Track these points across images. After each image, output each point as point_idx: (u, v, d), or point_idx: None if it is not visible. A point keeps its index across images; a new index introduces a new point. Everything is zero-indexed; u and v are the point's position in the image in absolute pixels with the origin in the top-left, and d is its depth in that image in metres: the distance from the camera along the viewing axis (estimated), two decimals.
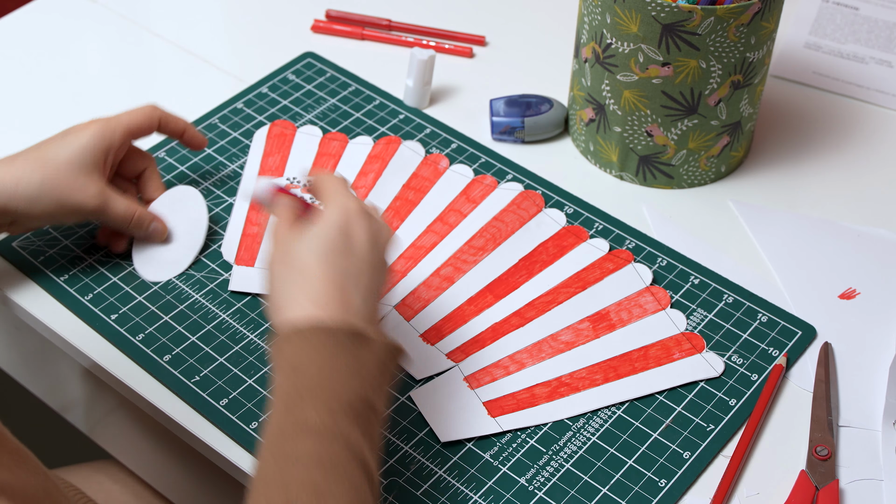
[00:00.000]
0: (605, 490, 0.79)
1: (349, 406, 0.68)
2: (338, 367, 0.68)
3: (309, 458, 0.65)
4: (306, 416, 0.67)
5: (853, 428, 0.83)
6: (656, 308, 0.90)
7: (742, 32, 0.91)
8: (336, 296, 0.71)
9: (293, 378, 0.69)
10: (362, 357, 0.69)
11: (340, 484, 0.65)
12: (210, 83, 1.11)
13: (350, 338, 0.69)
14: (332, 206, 0.74)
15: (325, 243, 0.72)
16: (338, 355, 0.69)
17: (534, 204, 0.99)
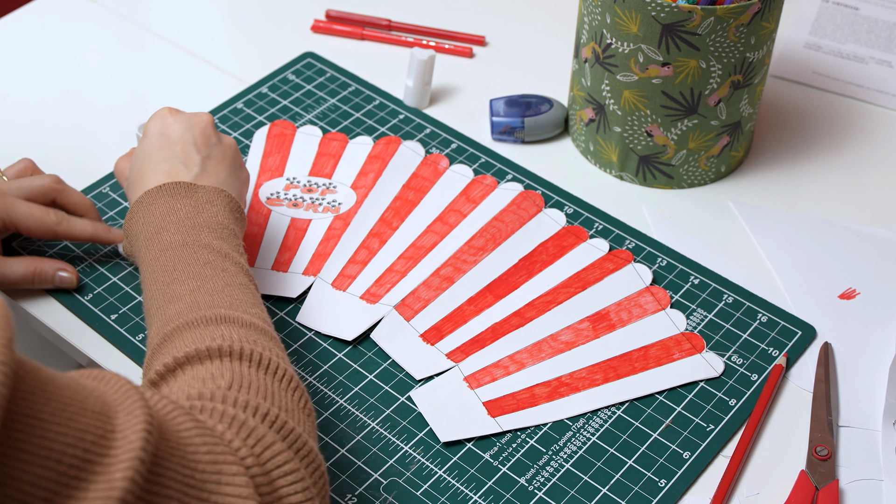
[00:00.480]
0: (605, 490, 0.79)
1: (202, 225, 0.78)
2: (177, 207, 0.79)
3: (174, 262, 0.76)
4: (163, 239, 0.77)
5: (853, 428, 0.83)
6: (656, 308, 0.90)
7: (742, 32, 0.91)
8: (163, 172, 0.82)
9: (146, 227, 0.79)
10: (202, 198, 0.80)
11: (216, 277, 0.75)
12: (210, 83, 1.11)
13: (188, 188, 0.80)
14: (148, 122, 0.86)
15: (147, 147, 0.84)
16: (178, 199, 0.79)
17: (534, 204, 0.99)
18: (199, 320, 0.71)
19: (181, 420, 0.60)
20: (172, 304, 0.73)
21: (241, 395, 0.65)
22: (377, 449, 0.81)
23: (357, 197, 0.99)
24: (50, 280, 0.89)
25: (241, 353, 0.68)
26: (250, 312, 0.73)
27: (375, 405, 0.84)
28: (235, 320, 0.71)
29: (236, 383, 0.66)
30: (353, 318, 0.89)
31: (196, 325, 0.71)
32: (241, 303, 0.74)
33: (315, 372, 0.86)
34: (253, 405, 0.65)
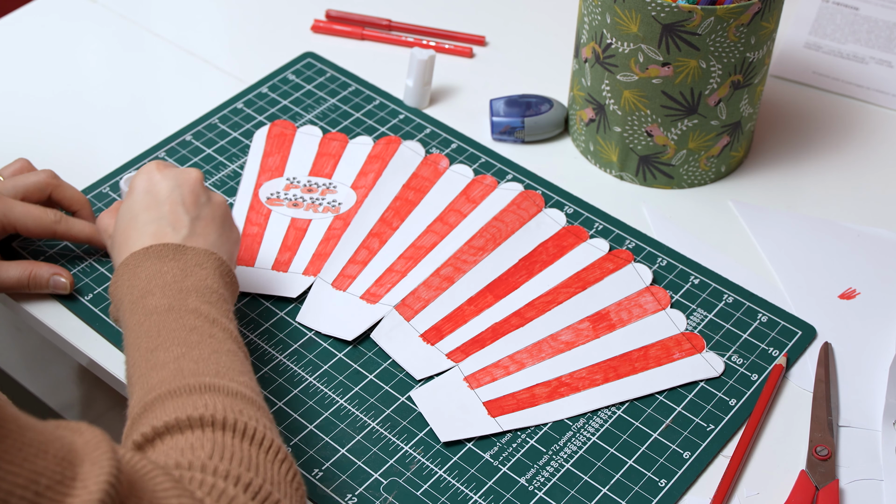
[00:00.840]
0: (605, 490, 0.79)
1: (189, 289, 0.75)
2: (164, 270, 0.75)
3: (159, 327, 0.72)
4: (149, 303, 0.74)
5: (853, 428, 0.83)
6: (656, 308, 0.90)
7: (742, 32, 0.91)
8: (150, 234, 0.78)
9: (131, 291, 0.75)
10: (190, 260, 0.77)
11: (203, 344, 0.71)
12: (210, 83, 1.11)
13: (176, 250, 0.77)
14: (134, 179, 0.82)
15: (133, 206, 0.80)
16: (165, 262, 0.76)
17: (534, 204, 0.99)
18: (182, 389, 0.67)
19: (159, 481, 0.57)
20: (155, 371, 0.69)
21: (223, 464, 0.62)
22: (377, 449, 0.81)
23: (357, 197, 0.99)
24: (45, 284, 0.88)
25: (224, 422, 0.65)
26: (237, 381, 0.70)
27: (375, 405, 0.84)
28: (221, 389, 0.68)
29: (217, 453, 0.63)
30: (354, 318, 0.89)
31: (179, 393, 0.67)
32: (228, 370, 0.70)
33: (315, 372, 0.86)
34: (234, 475, 0.62)
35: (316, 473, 0.79)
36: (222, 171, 1.01)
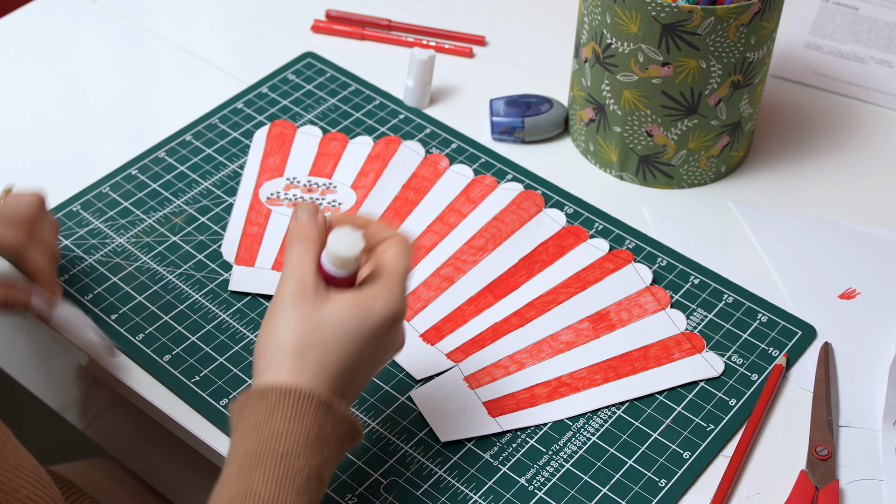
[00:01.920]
0: (605, 490, 0.79)
1: (301, 479, 0.65)
2: (295, 434, 0.65)
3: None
4: (256, 486, 0.64)
5: (853, 428, 0.83)
6: (656, 308, 0.90)
7: (742, 32, 0.91)
8: (338, 387, 0.68)
9: (250, 440, 0.66)
10: (325, 429, 0.66)
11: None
12: (210, 83, 1.11)
13: (321, 407, 0.66)
14: (388, 302, 0.69)
15: (360, 339, 0.68)
16: (301, 422, 0.65)
17: (534, 204, 0.99)
18: None
19: None
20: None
21: None
22: (377, 449, 0.81)
23: (357, 197, 0.99)
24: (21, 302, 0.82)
25: None
26: None
27: (375, 405, 0.84)
28: None
29: None
30: None
31: None
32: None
33: None
34: None
35: None
36: (222, 171, 1.01)
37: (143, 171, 1.01)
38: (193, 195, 0.99)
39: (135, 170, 1.01)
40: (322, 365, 0.67)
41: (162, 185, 1.00)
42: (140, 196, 0.99)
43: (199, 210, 0.98)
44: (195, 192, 0.99)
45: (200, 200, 0.99)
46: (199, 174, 1.01)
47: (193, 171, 1.01)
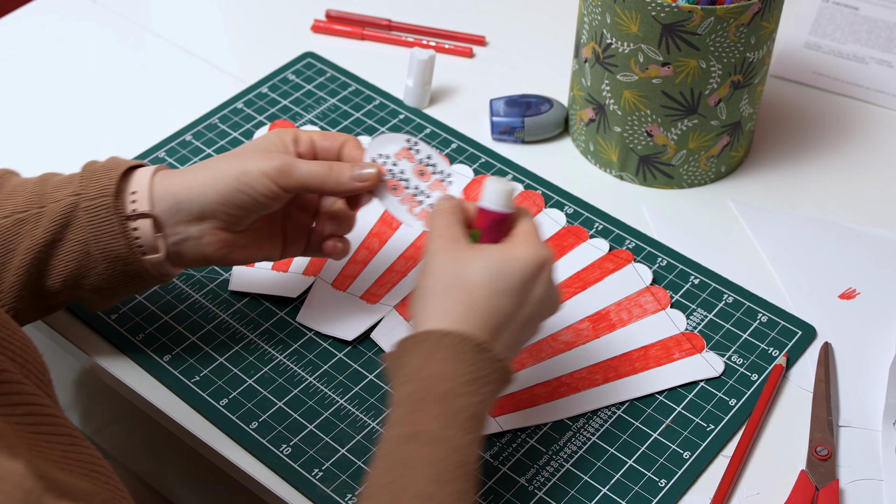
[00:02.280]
0: (605, 490, 0.79)
1: (465, 416, 0.67)
2: (455, 375, 0.67)
3: (423, 466, 0.65)
4: (423, 424, 0.66)
5: (853, 428, 0.83)
6: (656, 308, 0.90)
7: (742, 32, 0.91)
8: (488, 329, 0.69)
9: (411, 384, 0.68)
10: (482, 371, 0.68)
11: (451, 496, 0.64)
12: (210, 83, 1.11)
13: (476, 349, 0.68)
14: (530, 247, 0.71)
15: (506, 279, 0.70)
16: (459, 364, 0.67)
17: (534, 204, 0.99)
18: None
19: None
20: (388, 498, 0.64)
21: None
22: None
23: None
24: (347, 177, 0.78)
25: None
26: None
27: (375, 405, 0.84)
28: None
29: None
30: (354, 319, 0.89)
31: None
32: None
33: (315, 372, 0.86)
34: None
35: (316, 473, 0.79)
36: None
37: None
38: None
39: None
40: (470, 304, 0.69)
41: None
42: None
43: None
44: None
45: None
46: None
47: None
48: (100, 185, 0.77)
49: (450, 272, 0.70)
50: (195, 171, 0.78)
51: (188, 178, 0.78)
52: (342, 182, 0.78)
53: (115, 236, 0.77)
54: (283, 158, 0.77)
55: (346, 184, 0.78)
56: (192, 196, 0.77)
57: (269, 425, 0.82)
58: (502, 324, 0.70)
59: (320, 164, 0.78)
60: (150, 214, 0.77)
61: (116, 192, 0.77)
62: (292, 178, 0.77)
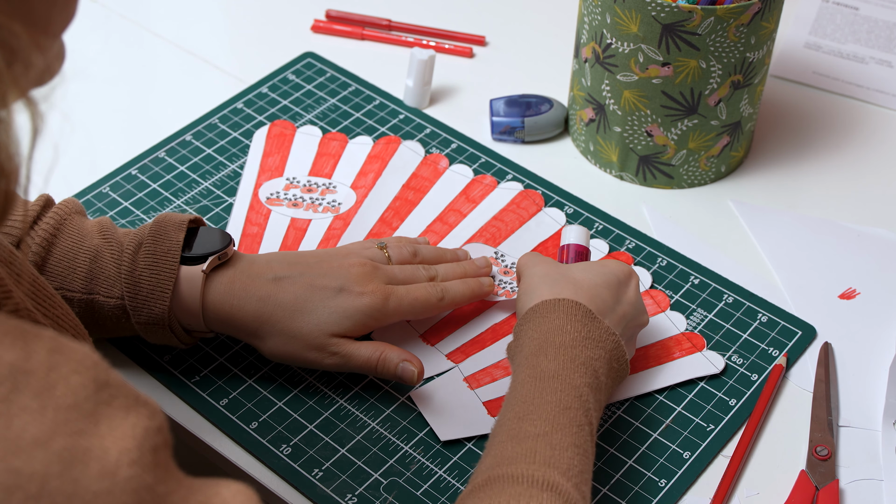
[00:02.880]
0: (605, 490, 0.79)
1: (579, 364, 0.73)
2: (567, 329, 0.74)
3: (542, 400, 0.70)
4: (542, 366, 0.72)
5: (853, 428, 0.83)
6: (656, 310, 0.90)
7: (742, 32, 0.91)
8: (589, 304, 0.76)
9: (531, 341, 0.74)
10: (593, 333, 0.75)
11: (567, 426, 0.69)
12: (210, 83, 1.11)
13: (587, 314, 0.75)
14: (617, 261, 0.82)
15: (604, 276, 0.79)
16: (573, 322, 0.75)
17: (533, 203, 0.99)
18: (525, 477, 0.65)
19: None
20: (512, 443, 0.68)
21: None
22: (377, 449, 0.81)
23: (357, 197, 0.99)
24: (392, 370, 0.81)
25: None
26: (581, 489, 0.66)
27: (375, 405, 0.84)
28: (562, 492, 0.64)
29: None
30: None
31: (520, 481, 0.65)
32: (579, 472, 0.67)
33: (315, 372, 0.86)
34: None
35: (316, 473, 0.79)
36: (222, 171, 1.01)
37: (143, 171, 1.01)
38: (193, 195, 0.99)
39: (135, 170, 1.01)
40: (577, 288, 0.77)
41: (162, 185, 1.00)
42: (140, 196, 0.99)
43: (198, 210, 0.98)
44: (195, 192, 0.99)
45: (200, 200, 0.99)
46: (199, 174, 1.01)
47: (193, 171, 1.01)
48: (149, 312, 0.79)
49: (553, 272, 0.80)
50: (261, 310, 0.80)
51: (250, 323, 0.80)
52: (388, 373, 0.81)
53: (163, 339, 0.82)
54: (339, 359, 0.81)
55: (390, 374, 0.82)
56: (249, 339, 0.82)
57: (269, 425, 0.82)
58: (603, 308, 0.77)
59: (373, 349, 0.81)
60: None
61: (167, 323, 0.80)
62: (346, 367, 0.82)
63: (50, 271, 0.80)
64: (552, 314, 0.75)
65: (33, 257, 0.79)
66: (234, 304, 0.80)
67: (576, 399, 0.70)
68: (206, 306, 0.80)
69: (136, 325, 0.80)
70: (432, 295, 0.84)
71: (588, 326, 0.75)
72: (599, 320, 0.76)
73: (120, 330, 0.82)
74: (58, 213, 0.82)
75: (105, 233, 0.82)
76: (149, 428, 0.48)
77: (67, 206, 0.83)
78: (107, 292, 0.80)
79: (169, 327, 0.80)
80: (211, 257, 0.80)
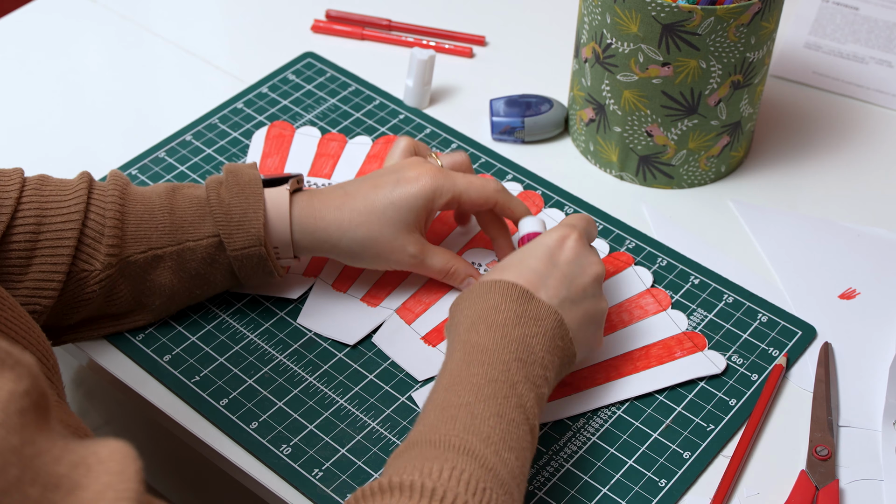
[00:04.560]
0: (605, 490, 0.79)
1: (515, 345, 0.73)
2: (501, 308, 0.75)
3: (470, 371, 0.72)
4: (473, 339, 0.74)
5: (853, 428, 0.83)
6: (657, 309, 0.90)
7: (742, 32, 0.91)
8: (523, 283, 0.77)
9: (464, 319, 0.76)
10: (529, 311, 0.75)
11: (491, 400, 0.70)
12: (210, 83, 1.11)
13: (522, 294, 0.76)
14: (550, 231, 0.82)
15: (531, 250, 0.80)
16: (507, 301, 0.75)
17: (533, 204, 0.99)
18: (441, 441, 0.67)
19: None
20: (435, 412, 0.70)
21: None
22: (377, 449, 0.81)
23: None
24: (459, 282, 0.90)
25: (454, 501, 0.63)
26: (502, 456, 0.67)
27: (375, 405, 0.84)
28: (478, 457, 0.66)
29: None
30: (354, 322, 0.89)
31: (435, 445, 0.66)
32: (500, 440, 0.68)
33: (315, 372, 0.86)
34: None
35: (316, 473, 0.79)
36: None
37: (143, 171, 1.01)
38: None
39: (135, 170, 1.01)
40: (506, 269, 0.78)
41: None
42: None
43: None
44: None
45: None
46: (199, 174, 1.01)
47: (193, 171, 1.01)
48: (245, 236, 0.83)
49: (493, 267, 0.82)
50: (345, 228, 0.85)
51: (337, 234, 0.85)
52: (454, 283, 0.90)
53: (258, 270, 0.86)
54: (416, 257, 0.87)
55: (456, 284, 0.90)
56: (337, 253, 0.87)
57: (269, 425, 0.82)
58: (537, 279, 0.77)
59: (444, 263, 0.88)
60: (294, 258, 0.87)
61: (262, 243, 0.84)
62: (421, 268, 0.88)
63: (131, 236, 0.83)
64: (488, 294, 0.76)
65: (111, 230, 0.82)
66: (317, 216, 0.85)
67: (503, 373, 0.72)
68: (294, 222, 0.85)
69: (232, 256, 0.83)
70: (489, 182, 0.87)
71: (524, 305, 0.75)
72: (536, 299, 0.76)
73: (212, 277, 0.85)
74: (117, 184, 0.85)
75: (167, 188, 0.85)
76: (14, 391, 0.47)
77: (118, 176, 0.86)
78: (195, 236, 0.84)
79: (265, 248, 0.83)
80: (291, 180, 0.86)
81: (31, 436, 0.48)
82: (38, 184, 0.82)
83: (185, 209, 0.84)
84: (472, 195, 0.87)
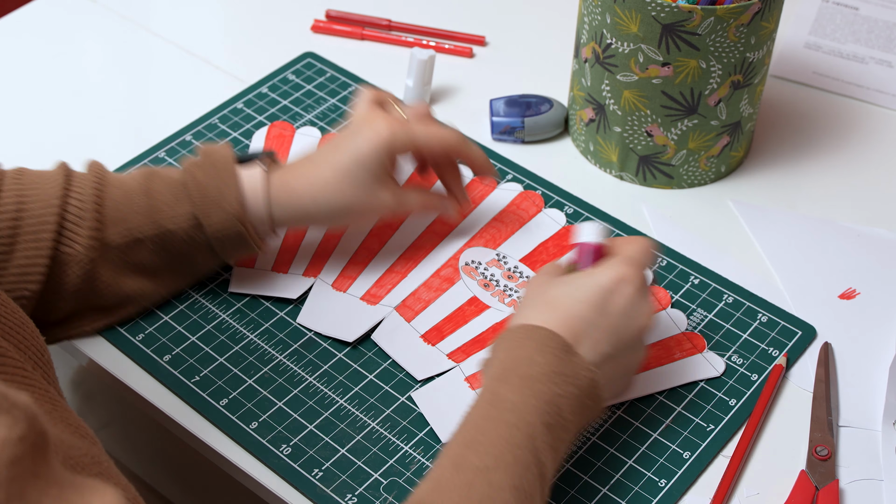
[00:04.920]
0: (605, 490, 0.79)
1: (543, 401, 0.70)
2: (540, 362, 0.72)
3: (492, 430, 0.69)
4: (502, 393, 0.71)
5: (853, 428, 0.83)
6: (657, 308, 0.90)
7: (742, 32, 0.92)
8: (568, 333, 0.74)
9: (498, 364, 0.73)
10: (565, 368, 0.72)
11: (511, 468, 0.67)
12: (210, 83, 1.11)
13: (562, 347, 0.72)
14: (611, 265, 0.77)
15: (583, 290, 0.75)
16: (544, 354, 0.72)
17: (533, 204, 0.99)
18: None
19: None
20: (452, 472, 0.67)
21: None
22: (377, 449, 0.81)
23: None
24: (441, 210, 0.93)
25: None
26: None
27: (375, 405, 0.84)
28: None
29: None
30: (354, 320, 0.89)
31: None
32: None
33: (315, 372, 0.86)
34: None
35: (316, 473, 0.79)
36: None
37: None
38: None
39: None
40: (552, 311, 0.75)
41: None
42: None
43: None
44: None
45: None
46: None
47: None
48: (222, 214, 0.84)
49: (538, 292, 0.77)
50: (311, 186, 0.86)
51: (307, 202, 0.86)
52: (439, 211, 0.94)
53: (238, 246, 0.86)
54: (392, 203, 0.88)
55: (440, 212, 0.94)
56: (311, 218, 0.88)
57: (269, 425, 0.82)
58: (582, 328, 0.74)
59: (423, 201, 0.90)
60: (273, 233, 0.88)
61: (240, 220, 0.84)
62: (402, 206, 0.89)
63: (111, 220, 0.83)
64: (526, 341, 0.73)
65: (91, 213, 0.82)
66: (289, 190, 0.86)
67: (527, 438, 0.68)
68: (270, 197, 0.85)
69: (210, 234, 0.84)
70: (448, 131, 0.88)
71: (561, 361, 0.72)
72: (575, 354, 0.72)
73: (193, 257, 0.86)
74: (94, 171, 0.85)
75: (145, 173, 0.86)
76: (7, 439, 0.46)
77: (95, 164, 0.86)
78: (173, 218, 0.84)
79: (242, 225, 0.84)
80: (264, 157, 0.87)
81: (21, 489, 0.46)
82: (16, 174, 0.83)
83: (162, 192, 0.84)
84: (432, 143, 0.88)
